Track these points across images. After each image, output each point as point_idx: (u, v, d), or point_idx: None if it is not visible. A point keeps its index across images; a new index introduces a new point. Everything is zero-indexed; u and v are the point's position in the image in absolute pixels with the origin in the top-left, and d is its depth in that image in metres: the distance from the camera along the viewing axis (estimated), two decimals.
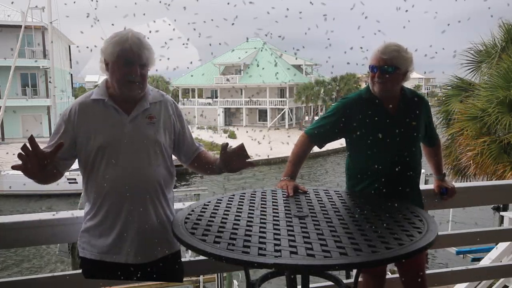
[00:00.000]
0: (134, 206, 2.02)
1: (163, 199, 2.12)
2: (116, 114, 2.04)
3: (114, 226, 2.03)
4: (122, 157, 2.01)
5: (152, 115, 2.09)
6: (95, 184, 2.04)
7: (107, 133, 2.01)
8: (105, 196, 2.02)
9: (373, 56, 2.40)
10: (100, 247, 2.06)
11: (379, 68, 2.37)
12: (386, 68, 2.36)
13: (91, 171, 2.04)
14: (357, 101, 2.50)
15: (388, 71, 2.36)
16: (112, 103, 2.04)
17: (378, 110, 2.43)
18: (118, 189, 2.00)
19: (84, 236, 2.10)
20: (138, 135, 2.04)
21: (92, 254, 2.07)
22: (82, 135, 2.03)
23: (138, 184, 2.02)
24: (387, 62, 2.35)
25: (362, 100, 2.48)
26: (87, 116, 2.04)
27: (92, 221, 2.07)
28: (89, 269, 2.12)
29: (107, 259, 2.05)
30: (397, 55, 2.35)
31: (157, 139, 2.08)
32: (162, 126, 2.12)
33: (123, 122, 2.04)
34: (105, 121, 2.03)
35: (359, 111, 2.43)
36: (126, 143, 2.01)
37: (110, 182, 2.00)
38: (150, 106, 2.10)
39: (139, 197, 2.02)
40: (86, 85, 64.36)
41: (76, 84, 53.94)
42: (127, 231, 2.03)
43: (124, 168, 2.01)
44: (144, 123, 2.07)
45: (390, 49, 2.36)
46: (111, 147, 2.01)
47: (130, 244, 2.04)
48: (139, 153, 2.03)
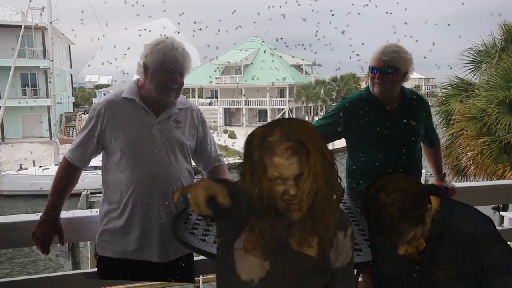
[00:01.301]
0: (158, 205, 2.05)
1: (184, 199, 2.13)
2: (145, 115, 2.10)
3: (138, 225, 2.06)
4: (148, 156, 2.05)
5: (179, 120, 2.16)
6: (119, 183, 2.07)
7: (135, 132, 2.06)
8: (130, 194, 2.05)
9: (372, 57, 2.41)
10: (124, 246, 2.08)
11: (378, 69, 2.37)
12: (386, 70, 2.36)
13: (115, 169, 2.08)
14: (357, 101, 2.50)
15: (387, 72, 2.36)
16: (142, 104, 2.10)
17: (378, 110, 2.43)
18: (143, 188, 2.04)
19: (105, 234, 2.12)
20: (165, 136, 2.09)
21: (114, 253, 2.09)
22: (109, 132, 2.07)
23: (163, 184, 2.05)
24: (387, 64, 2.35)
25: (362, 100, 2.48)
26: (116, 113, 2.09)
27: (115, 220, 2.09)
28: (107, 269, 2.13)
29: (131, 257, 2.07)
30: (397, 56, 2.35)
31: (183, 141, 2.14)
32: (187, 130, 2.18)
33: (151, 123, 2.09)
34: (133, 120, 2.07)
35: (359, 111, 2.44)
36: (152, 143, 2.06)
37: (135, 181, 2.04)
38: (178, 112, 2.17)
39: (163, 197, 2.06)
40: (86, 85, 64.38)
41: (76, 84, 53.94)
42: (151, 230, 2.06)
43: (149, 167, 2.04)
44: (171, 126, 2.13)
45: (390, 50, 2.36)
46: (137, 146, 2.05)
47: (155, 243, 2.07)
48: (165, 153, 2.08)
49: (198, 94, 48.72)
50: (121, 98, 2.12)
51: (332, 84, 43.49)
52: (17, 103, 27.48)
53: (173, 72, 2.06)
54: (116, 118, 2.07)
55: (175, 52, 2.06)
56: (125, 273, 2.11)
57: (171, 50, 2.06)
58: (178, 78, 2.08)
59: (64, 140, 21.62)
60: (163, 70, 2.05)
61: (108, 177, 2.13)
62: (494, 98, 8.67)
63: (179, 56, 2.07)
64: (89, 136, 2.10)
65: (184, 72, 2.11)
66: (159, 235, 2.07)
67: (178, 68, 2.07)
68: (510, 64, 8.87)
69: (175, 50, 2.07)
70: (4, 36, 28.00)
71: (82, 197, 13.99)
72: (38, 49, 30.08)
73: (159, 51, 2.05)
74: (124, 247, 2.08)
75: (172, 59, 2.06)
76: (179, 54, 2.07)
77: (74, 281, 2.30)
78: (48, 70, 27.95)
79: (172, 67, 2.06)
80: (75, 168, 2.12)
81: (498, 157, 8.53)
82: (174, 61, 2.06)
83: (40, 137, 28.47)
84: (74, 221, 2.24)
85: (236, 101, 46.22)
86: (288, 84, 43.29)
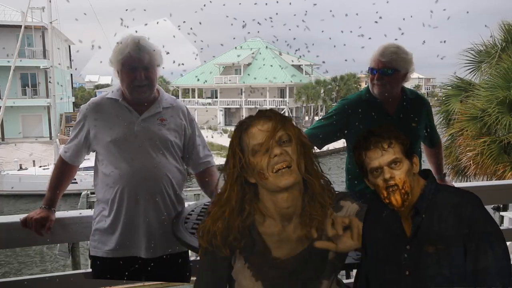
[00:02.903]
0: (144, 202, 2.06)
1: (174, 196, 2.15)
2: (128, 114, 2.11)
3: (125, 222, 2.07)
4: (132, 154, 2.06)
5: (164, 118, 2.16)
6: (106, 181, 2.09)
7: (118, 130, 2.07)
8: (116, 192, 2.06)
9: (372, 58, 2.40)
10: (112, 244, 2.09)
11: (378, 70, 2.37)
12: (385, 71, 2.35)
13: (102, 168, 2.11)
14: (356, 102, 2.50)
15: (387, 73, 2.35)
16: (125, 103, 2.12)
17: (377, 111, 2.43)
18: (129, 185, 2.05)
19: (96, 234, 2.14)
20: (149, 134, 2.09)
21: (104, 252, 2.10)
22: (94, 132, 2.11)
23: (149, 181, 2.06)
24: (386, 65, 2.35)
25: (361, 101, 2.48)
26: (100, 112, 2.13)
27: (104, 219, 2.11)
28: (100, 268, 2.14)
29: (119, 255, 2.09)
30: (396, 57, 2.34)
31: (167, 137, 2.13)
32: (173, 128, 2.17)
33: (135, 121, 2.10)
34: (117, 119, 2.09)
35: (359, 112, 2.43)
36: (136, 140, 2.07)
37: (121, 179, 2.05)
38: (163, 110, 2.17)
39: (150, 194, 2.06)
40: (86, 85, 64.34)
41: (76, 84, 53.94)
42: (138, 226, 2.07)
43: (135, 164, 2.05)
44: (155, 124, 2.13)
45: (389, 51, 2.35)
46: (121, 143, 2.06)
47: (142, 239, 2.08)
48: (149, 150, 2.08)
49: (198, 94, 48.72)
50: (106, 99, 2.17)
51: (332, 84, 43.49)
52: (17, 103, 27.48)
53: (133, 69, 2.06)
54: (100, 119, 2.11)
55: (129, 49, 2.06)
56: (116, 272, 2.11)
57: (125, 48, 2.07)
58: (141, 73, 2.06)
59: (64, 140, 21.60)
60: (125, 70, 2.08)
61: (98, 176, 2.17)
62: (494, 98, 8.68)
63: (133, 52, 2.06)
64: (78, 136, 2.17)
65: (147, 66, 2.08)
66: (146, 232, 2.08)
67: (139, 63, 2.06)
68: (510, 64, 8.87)
69: (129, 47, 2.06)
70: (4, 36, 27.99)
71: (82, 197, 14.00)
72: (38, 49, 30.07)
73: (117, 52, 2.08)
74: (112, 245, 2.09)
75: (129, 56, 2.06)
76: (133, 50, 2.06)
77: (74, 281, 2.31)
78: (48, 70, 27.93)
79: (131, 65, 2.06)
80: (68, 165, 2.22)
81: (498, 157, 8.54)
82: (129, 58, 2.06)
83: (40, 137, 28.49)
84: (74, 221, 2.24)
85: (236, 101, 46.21)
86: (288, 84, 43.28)
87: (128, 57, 2.06)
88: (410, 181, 1.46)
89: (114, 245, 2.09)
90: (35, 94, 30.72)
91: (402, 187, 1.44)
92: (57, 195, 2.19)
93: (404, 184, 1.44)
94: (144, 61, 2.06)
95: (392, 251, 1.52)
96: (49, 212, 2.13)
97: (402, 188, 1.44)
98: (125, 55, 2.06)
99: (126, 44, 2.07)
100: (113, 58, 2.10)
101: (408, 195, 1.45)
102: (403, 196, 1.44)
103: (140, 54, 2.06)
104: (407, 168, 1.46)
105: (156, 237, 2.08)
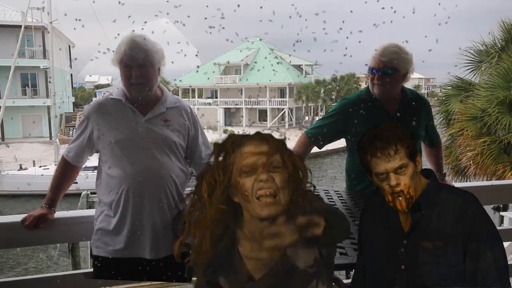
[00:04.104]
0: (148, 203, 2.06)
1: (178, 197, 2.14)
2: (132, 114, 2.11)
3: (129, 222, 2.07)
4: (136, 154, 2.06)
5: (168, 118, 2.15)
6: (109, 182, 2.08)
7: (122, 131, 2.07)
8: (121, 193, 2.06)
9: (372, 58, 2.40)
10: (116, 244, 2.09)
11: (378, 70, 2.37)
12: (385, 71, 2.35)
13: (106, 168, 2.11)
14: (357, 101, 2.50)
15: (387, 73, 2.35)
16: (129, 104, 2.11)
17: (377, 110, 2.43)
18: (134, 186, 2.04)
19: (98, 234, 2.13)
20: (152, 134, 2.09)
21: (107, 252, 2.10)
22: (97, 133, 2.11)
23: (152, 181, 2.06)
24: (386, 65, 2.35)
25: (361, 100, 2.48)
26: (104, 113, 2.12)
27: (107, 219, 2.11)
28: (102, 268, 2.13)
29: (123, 255, 2.08)
30: (396, 57, 2.34)
31: (171, 138, 2.13)
32: (176, 128, 2.17)
33: (138, 122, 2.09)
34: (120, 119, 2.09)
35: (358, 111, 2.44)
36: (140, 141, 2.06)
37: (125, 179, 2.05)
38: (166, 111, 2.16)
39: (154, 194, 2.06)
40: (86, 85, 64.35)
41: (76, 84, 53.93)
42: (142, 227, 2.07)
43: (139, 165, 2.05)
44: (159, 124, 2.12)
45: (389, 51, 2.35)
46: (125, 144, 2.06)
47: (146, 240, 2.08)
48: (153, 151, 2.08)
49: (198, 94, 48.72)
50: (109, 99, 2.16)
51: (332, 84, 43.48)
52: (17, 103, 27.48)
53: (129, 67, 2.06)
54: (103, 119, 2.11)
55: (124, 48, 2.06)
56: (119, 272, 2.12)
57: (121, 46, 2.07)
58: (137, 71, 2.05)
59: (64, 140, 21.59)
60: (122, 68, 2.08)
61: (101, 177, 2.16)
62: (494, 98, 8.67)
63: (128, 50, 2.05)
64: (81, 136, 2.16)
65: (142, 64, 2.06)
66: (151, 232, 2.08)
67: (134, 61, 2.05)
68: (510, 64, 8.86)
69: (124, 45, 2.06)
70: (4, 36, 27.98)
71: (82, 197, 13.96)
72: (38, 49, 30.06)
73: (116, 52, 2.08)
74: (116, 245, 2.09)
75: (122, 54, 2.06)
76: (128, 48, 2.05)
77: (74, 281, 2.31)
78: (48, 70, 27.93)
79: (126, 62, 2.06)
80: (71, 165, 2.21)
81: (498, 157, 8.53)
82: (125, 56, 2.06)
83: (40, 137, 28.48)
84: (74, 221, 2.24)
85: (236, 101, 46.20)
86: (288, 84, 43.28)
87: (123, 55, 2.06)
88: (414, 184, 1.47)
89: (120, 245, 2.08)
90: (35, 94, 30.72)
91: (407, 193, 1.44)
92: (58, 195, 2.20)
93: (409, 189, 1.45)
94: (138, 59, 2.05)
95: (389, 245, 1.53)
96: (48, 211, 2.13)
97: (407, 193, 1.44)
98: (121, 53, 2.06)
99: (122, 42, 2.08)
100: (114, 57, 2.11)
101: (412, 199, 1.46)
102: (407, 201, 1.45)
103: (134, 52, 2.05)
104: (412, 171, 1.46)
105: (160, 238, 2.08)
